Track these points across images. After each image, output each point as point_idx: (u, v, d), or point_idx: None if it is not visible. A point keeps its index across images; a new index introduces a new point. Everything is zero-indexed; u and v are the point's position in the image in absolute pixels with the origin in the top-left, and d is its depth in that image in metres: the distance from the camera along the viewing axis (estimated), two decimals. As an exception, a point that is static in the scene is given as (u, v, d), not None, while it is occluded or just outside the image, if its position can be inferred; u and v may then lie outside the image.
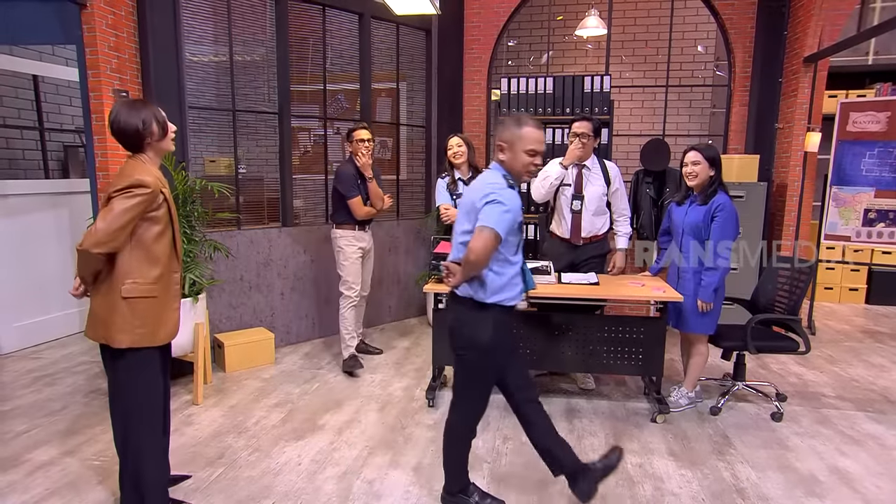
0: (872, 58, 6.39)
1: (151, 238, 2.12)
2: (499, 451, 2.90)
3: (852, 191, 4.85)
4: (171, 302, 2.23)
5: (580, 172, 3.57)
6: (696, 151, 3.21)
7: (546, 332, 3.39)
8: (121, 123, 2.09)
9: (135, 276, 2.10)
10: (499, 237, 2.05)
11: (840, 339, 4.92)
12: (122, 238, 2.04)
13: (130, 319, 2.10)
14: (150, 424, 2.23)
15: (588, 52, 7.12)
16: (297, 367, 4.09)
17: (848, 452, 2.94)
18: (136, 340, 2.12)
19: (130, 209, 2.02)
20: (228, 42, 4.07)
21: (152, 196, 2.07)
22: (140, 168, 2.09)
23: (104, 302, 2.11)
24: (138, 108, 2.12)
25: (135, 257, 2.10)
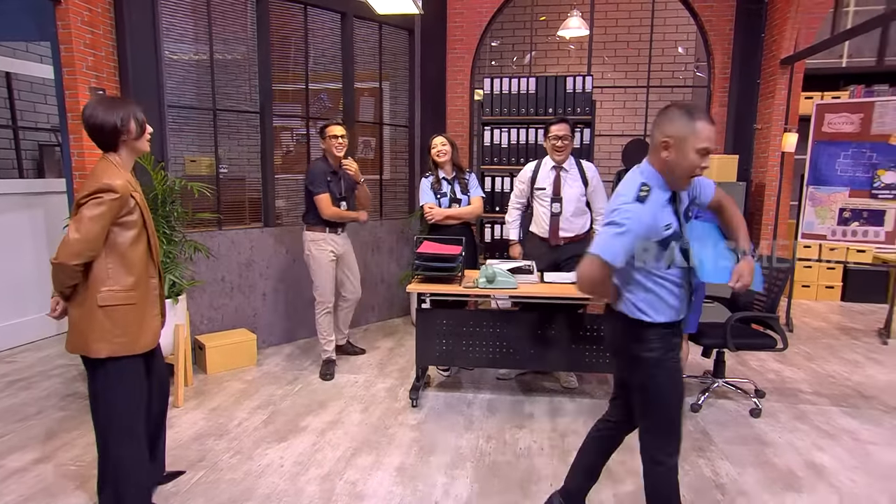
0: (846, 61, 6.52)
1: (126, 243, 2.06)
2: (482, 451, 2.91)
3: (828, 190, 4.94)
4: (151, 308, 2.19)
5: (558, 175, 3.60)
6: None
7: (529, 332, 3.40)
8: (97, 119, 2.02)
9: (110, 283, 2.04)
10: (605, 265, 1.81)
11: (817, 336, 5.01)
12: (97, 246, 1.99)
13: (109, 328, 2.05)
14: (130, 434, 2.18)
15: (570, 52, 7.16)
16: (279, 369, 4.05)
17: (824, 447, 2.99)
18: (116, 349, 2.07)
19: (101, 216, 1.96)
20: (209, 40, 4.02)
21: (122, 201, 2.01)
22: (110, 171, 2.02)
23: (80, 312, 2.05)
24: (117, 105, 2.06)
25: (109, 264, 2.03)
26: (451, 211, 3.80)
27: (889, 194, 4.68)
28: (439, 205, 3.81)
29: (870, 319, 5.58)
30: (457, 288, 3.27)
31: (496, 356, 3.45)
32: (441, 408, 3.42)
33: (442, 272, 3.33)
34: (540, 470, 2.73)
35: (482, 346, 3.44)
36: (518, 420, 3.26)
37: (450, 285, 3.30)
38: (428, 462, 2.79)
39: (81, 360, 2.15)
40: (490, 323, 3.43)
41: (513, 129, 4.66)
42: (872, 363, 4.31)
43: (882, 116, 4.65)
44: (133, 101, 2.18)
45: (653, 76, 5.86)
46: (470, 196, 3.88)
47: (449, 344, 3.46)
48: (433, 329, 3.46)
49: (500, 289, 3.21)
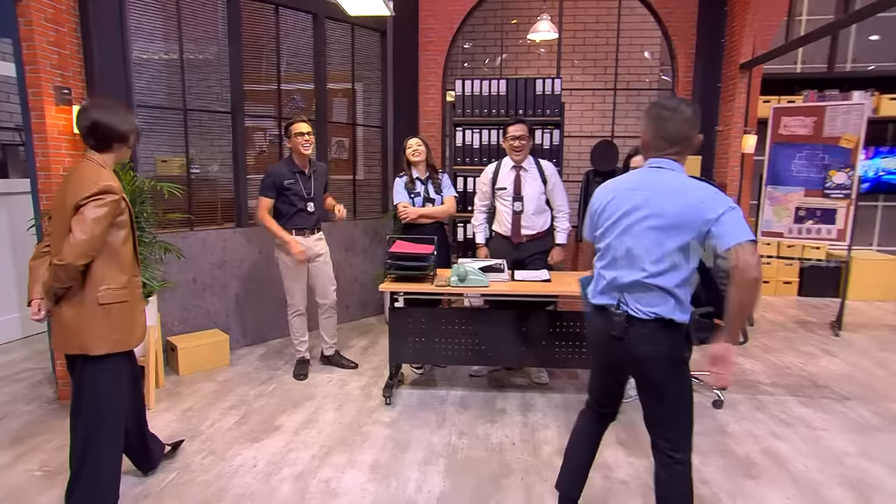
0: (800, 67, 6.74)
1: (119, 243, 2.12)
2: (455, 447, 2.92)
3: (785, 190, 5.09)
4: (139, 305, 2.24)
5: (518, 174, 3.65)
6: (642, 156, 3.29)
7: (500, 329, 3.42)
8: (110, 122, 2.08)
9: (108, 282, 2.09)
10: None
11: (775, 330, 5.16)
12: (100, 246, 2.05)
13: (108, 326, 2.10)
14: (116, 432, 2.22)
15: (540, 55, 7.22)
16: (252, 369, 4.00)
17: (780, 435, 3.09)
18: (114, 346, 2.12)
19: (104, 217, 2.02)
20: (178, 40, 3.94)
21: (118, 202, 2.07)
22: (102, 173, 2.07)
23: (77, 312, 2.08)
24: (125, 113, 2.14)
25: (106, 263, 2.09)
26: (424, 210, 3.81)
27: (840, 194, 4.85)
28: (413, 204, 3.81)
29: (824, 313, 5.78)
30: (429, 287, 3.27)
31: (468, 353, 3.46)
32: (414, 405, 3.42)
33: (414, 271, 3.32)
34: (511, 464, 2.75)
35: (455, 344, 3.45)
36: (490, 416, 3.28)
37: (422, 284, 3.30)
38: (401, 459, 2.80)
39: (68, 359, 2.17)
40: (462, 321, 3.45)
41: (484, 129, 4.69)
42: (825, 355, 4.47)
43: (833, 120, 4.82)
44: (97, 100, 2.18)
45: (620, 79, 5.95)
46: (443, 196, 3.89)
47: (422, 342, 3.46)
48: (406, 327, 3.45)
49: (471, 287, 3.23)
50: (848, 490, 2.58)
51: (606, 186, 2.01)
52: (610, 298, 1.94)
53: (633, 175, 1.97)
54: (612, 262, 1.94)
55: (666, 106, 1.90)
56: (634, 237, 1.88)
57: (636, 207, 1.88)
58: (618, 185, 1.97)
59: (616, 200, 1.93)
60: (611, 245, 1.94)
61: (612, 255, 1.94)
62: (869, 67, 6.58)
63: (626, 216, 1.90)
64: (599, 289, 1.99)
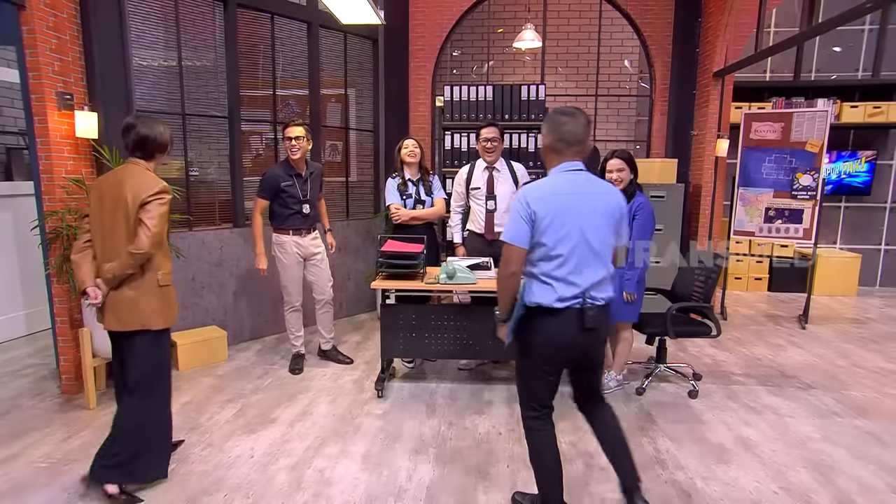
0: (769, 75, 6.82)
1: (164, 235, 2.35)
2: (444, 437, 2.93)
3: (755, 191, 5.15)
4: (173, 288, 2.48)
5: (491, 174, 3.67)
6: (620, 160, 3.29)
7: (487, 324, 3.42)
8: (153, 136, 2.33)
9: (162, 267, 2.37)
10: None
11: (747, 323, 5.23)
12: (164, 237, 2.34)
13: (163, 304, 2.37)
14: (164, 393, 2.48)
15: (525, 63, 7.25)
16: (249, 364, 3.98)
17: (751, 422, 3.13)
18: (167, 321, 2.40)
19: (167, 212, 2.31)
20: (177, 47, 3.91)
21: (170, 200, 2.34)
22: (152, 176, 2.32)
23: (138, 293, 2.31)
24: (163, 127, 2.38)
25: (161, 252, 2.36)
26: (416, 212, 3.81)
27: (806, 195, 4.92)
28: (404, 205, 3.81)
29: (791, 307, 5.86)
30: (419, 284, 3.28)
31: (457, 348, 3.47)
32: (405, 397, 3.43)
33: (405, 269, 3.33)
34: (498, 453, 2.77)
35: (443, 339, 3.46)
36: (478, 407, 3.29)
37: (412, 281, 3.31)
38: (393, 449, 2.80)
39: (114, 335, 2.37)
40: (451, 317, 3.46)
41: (472, 133, 4.69)
42: (793, 346, 4.54)
43: (799, 126, 4.88)
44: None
45: (601, 86, 5.99)
46: (433, 198, 3.89)
47: (412, 337, 3.47)
48: (397, 323, 3.46)
49: (459, 284, 3.24)
50: (812, 472, 2.63)
51: (545, 197, 1.94)
52: (575, 299, 1.95)
53: (563, 180, 1.98)
54: (579, 265, 1.94)
55: (564, 112, 2.00)
56: (596, 236, 1.95)
57: (590, 210, 1.94)
58: (557, 192, 1.95)
59: (564, 208, 1.93)
60: (574, 250, 1.93)
61: (576, 260, 1.94)
62: (832, 77, 6.67)
63: (584, 219, 1.93)
64: (567, 294, 1.95)
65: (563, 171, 2.00)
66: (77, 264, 2.35)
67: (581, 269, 1.94)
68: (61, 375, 3.41)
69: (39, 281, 3.80)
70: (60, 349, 3.37)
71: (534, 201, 1.92)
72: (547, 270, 1.95)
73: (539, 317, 1.98)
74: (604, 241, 1.97)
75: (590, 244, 1.94)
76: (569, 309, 1.95)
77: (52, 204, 3.20)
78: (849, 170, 6.59)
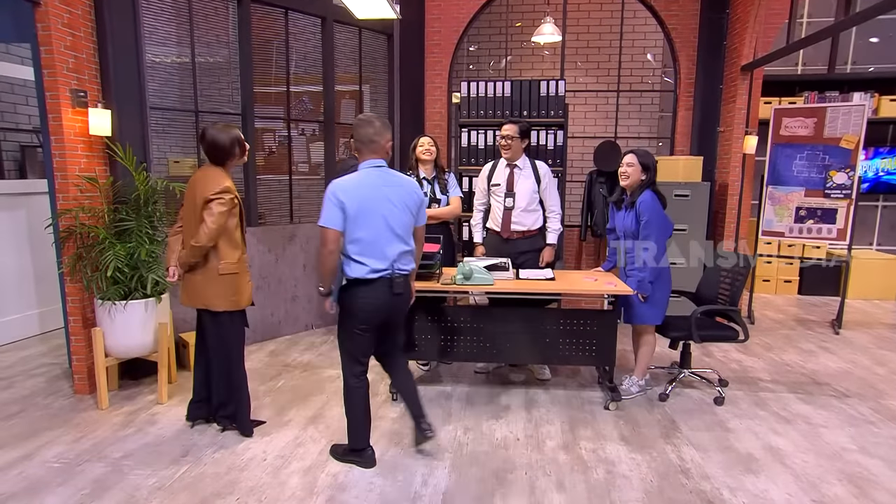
0: (801, 68, 6.70)
1: (233, 228, 2.75)
2: (460, 442, 2.92)
3: (786, 190, 5.06)
4: (246, 276, 2.86)
5: (511, 171, 3.66)
6: (633, 154, 3.35)
7: (504, 326, 3.42)
8: (217, 141, 2.71)
9: (226, 258, 2.74)
10: None
11: (775, 328, 5.14)
12: (223, 231, 2.70)
13: (225, 290, 2.76)
14: (241, 361, 2.94)
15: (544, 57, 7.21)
16: (262, 365, 4.02)
17: (780, 431, 3.08)
18: (229, 305, 2.79)
19: (226, 211, 2.67)
20: (190, 44, 3.96)
21: (233, 199, 2.70)
22: (222, 176, 2.71)
23: (204, 278, 2.75)
24: (229, 131, 2.73)
25: (225, 244, 2.73)
26: (431, 211, 3.80)
27: (840, 194, 4.82)
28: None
29: (823, 311, 5.75)
30: (435, 285, 3.28)
31: (473, 350, 3.46)
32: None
33: (421, 269, 3.32)
34: (515, 459, 2.75)
35: (460, 341, 3.45)
36: (495, 411, 3.28)
37: (428, 282, 3.30)
38: (408, 453, 2.80)
39: (199, 312, 2.89)
40: (467, 318, 3.45)
41: (489, 130, 4.68)
42: (825, 352, 4.45)
43: (833, 121, 4.79)
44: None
45: (623, 81, 5.94)
46: (449, 196, 3.88)
47: (428, 339, 3.47)
48: (412, 324, 3.46)
49: (476, 285, 3.23)
50: (847, 485, 2.56)
51: (350, 189, 2.41)
52: (385, 271, 2.48)
53: (370, 175, 2.48)
54: (385, 245, 2.47)
55: (362, 118, 2.53)
56: (397, 221, 2.49)
57: (389, 199, 2.46)
58: (361, 185, 2.44)
59: (369, 198, 2.43)
60: (380, 233, 2.45)
61: (383, 241, 2.46)
62: (869, 69, 6.53)
63: (385, 207, 2.45)
64: (379, 267, 2.47)
65: (368, 167, 2.51)
66: (168, 245, 2.92)
67: (386, 247, 2.48)
68: (74, 375, 3.47)
69: (53, 279, 3.88)
70: (73, 348, 3.43)
71: (341, 192, 2.40)
72: (359, 251, 2.45)
73: (358, 287, 2.49)
74: (403, 224, 2.51)
75: (392, 228, 2.47)
76: (380, 279, 2.48)
77: (66, 202, 3.26)
78: (887, 167, 6.44)
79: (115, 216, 3.39)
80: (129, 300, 3.24)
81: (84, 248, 3.28)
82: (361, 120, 2.53)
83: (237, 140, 2.76)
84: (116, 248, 3.20)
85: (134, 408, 3.28)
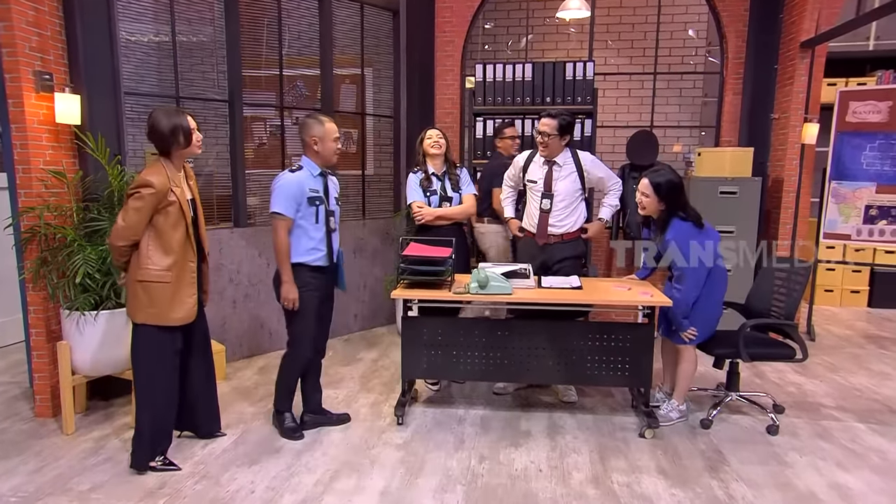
0: (873, 43, 6.57)
1: (166, 229, 2.67)
2: (474, 472, 2.89)
3: (852, 186, 4.97)
4: (186, 288, 2.78)
5: (550, 169, 3.62)
6: (646, 180, 3.30)
7: (525, 342, 3.39)
8: (154, 127, 2.67)
9: (149, 263, 2.67)
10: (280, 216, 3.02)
11: (841, 346, 5.04)
12: (139, 231, 2.64)
13: (139, 298, 2.69)
14: (151, 396, 2.82)
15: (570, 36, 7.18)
16: (251, 384, 4.01)
17: (849, 467, 2.99)
18: (146, 317, 2.71)
19: (141, 208, 2.60)
20: (171, 20, 3.99)
21: (158, 195, 2.62)
22: (154, 169, 2.68)
23: (129, 284, 2.74)
24: (172, 117, 2.68)
25: (151, 246, 2.67)
26: (441, 211, 3.78)
27: (919, 190, 4.71)
28: (428, 203, 3.79)
29: (898, 326, 5.63)
30: (446, 294, 3.26)
31: (490, 368, 3.43)
32: (429, 425, 3.40)
33: (430, 276, 3.31)
34: (537, 493, 2.71)
35: (474, 358, 3.43)
36: (514, 438, 3.25)
37: (438, 291, 3.29)
38: (415, 485, 2.77)
39: None
40: (483, 332, 3.42)
41: (507, 120, 4.65)
42: (901, 374, 4.35)
43: (911, 105, 4.69)
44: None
45: (660, 62, 5.87)
46: (462, 194, 3.86)
47: (438, 355, 3.44)
48: (420, 339, 3.44)
49: (493, 295, 3.20)
50: (928, 531, 2.48)
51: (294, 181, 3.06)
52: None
53: None
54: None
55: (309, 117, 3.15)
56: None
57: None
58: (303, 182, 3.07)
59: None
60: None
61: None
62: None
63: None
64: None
65: None
66: None
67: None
68: (35, 395, 3.48)
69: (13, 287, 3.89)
70: (35, 365, 3.44)
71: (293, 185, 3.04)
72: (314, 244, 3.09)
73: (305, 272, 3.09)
74: None
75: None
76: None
77: (29, 199, 3.28)
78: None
79: (85, 215, 3.41)
80: (100, 310, 3.24)
81: (49, 252, 3.29)
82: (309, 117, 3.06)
83: (179, 128, 2.69)
84: (86, 252, 3.21)
85: (104, 433, 3.28)
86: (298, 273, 3.08)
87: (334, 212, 3.18)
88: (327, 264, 3.15)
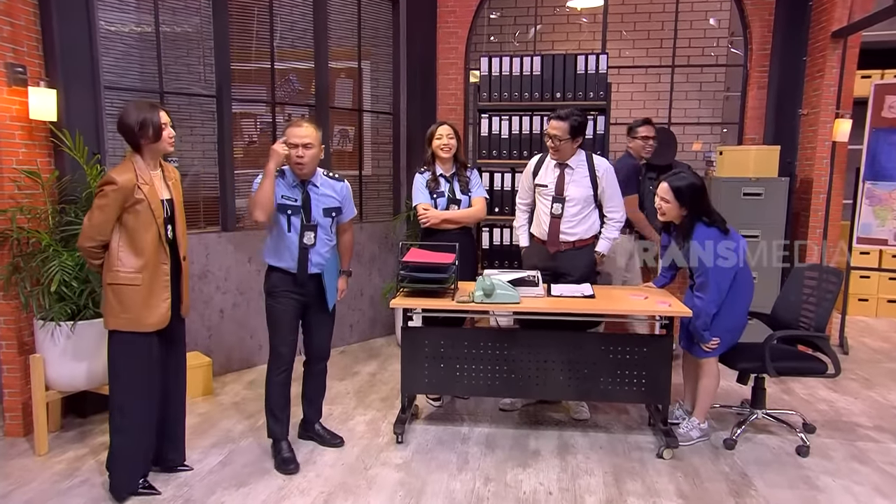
0: (911, 33, 6.55)
1: (137, 229, 2.67)
2: (479, 495, 2.88)
3: (889, 187, 4.96)
4: (159, 292, 2.75)
5: (562, 172, 3.63)
6: (666, 184, 3.28)
7: (534, 354, 3.39)
8: (121, 121, 2.68)
9: (118, 266, 2.67)
10: None
11: (877, 359, 5.02)
12: (105, 231, 2.65)
13: (111, 303, 2.70)
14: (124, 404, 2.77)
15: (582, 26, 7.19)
16: (240, 399, 4.02)
17: (888, 493, 2.98)
18: (118, 323, 2.70)
19: (105, 206, 2.61)
20: (154, 10, 4.01)
21: (123, 192, 2.61)
22: (121, 167, 2.68)
23: (103, 287, 2.74)
24: (142, 111, 2.68)
25: (122, 247, 2.68)
26: (449, 214, 3.79)
27: (959, 190, 4.70)
28: (435, 205, 3.80)
29: (939, 339, 5.60)
30: (449, 303, 3.26)
31: (496, 383, 3.43)
32: (431, 444, 3.40)
33: (432, 284, 3.31)
34: (547, 519, 2.70)
35: (479, 371, 3.43)
36: (521, 458, 3.25)
37: (441, 300, 3.29)
38: (413, 511, 2.76)
39: None
40: (488, 344, 3.42)
41: (514, 116, 4.65)
42: (942, 390, 4.32)
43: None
44: None
45: (679, 54, 5.88)
46: (471, 196, 3.87)
47: (440, 368, 3.45)
48: (421, 351, 3.44)
49: (499, 304, 3.20)
50: (973, 560, 2.45)
51: None
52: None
53: None
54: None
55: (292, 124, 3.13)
56: None
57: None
58: None
59: None
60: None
61: None
62: None
63: None
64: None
65: None
66: None
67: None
68: (5, 413, 3.48)
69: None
70: (5, 380, 3.44)
71: None
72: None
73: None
74: None
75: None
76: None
77: (0, 201, 3.28)
78: None
79: (62, 218, 3.42)
80: (76, 321, 3.25)
81: (22, 258, 3.30)
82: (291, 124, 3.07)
83: (148, 121, 2.66)
84: (63, 258, 3.22)
85: (79, 453, 3.28)
86: (269, 276, 3.15)
87: (316, 226, 3.09)
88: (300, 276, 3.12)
